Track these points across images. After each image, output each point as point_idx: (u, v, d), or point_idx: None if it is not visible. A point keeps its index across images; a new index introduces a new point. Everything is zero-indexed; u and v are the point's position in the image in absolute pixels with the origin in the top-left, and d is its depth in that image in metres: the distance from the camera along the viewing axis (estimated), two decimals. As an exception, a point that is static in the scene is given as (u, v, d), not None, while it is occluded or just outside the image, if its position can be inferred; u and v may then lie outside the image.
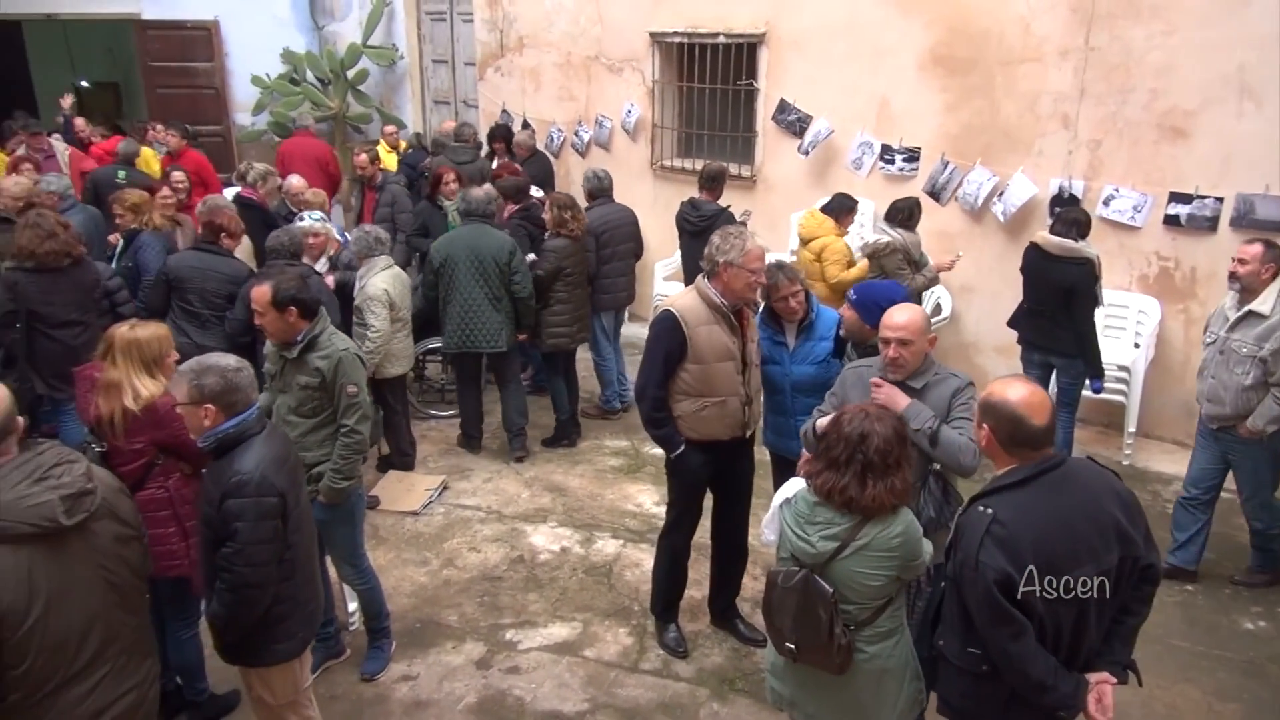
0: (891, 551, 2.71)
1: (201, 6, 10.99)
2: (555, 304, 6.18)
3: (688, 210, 6.54)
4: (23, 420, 2.40)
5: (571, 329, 6.29)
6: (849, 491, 2.69)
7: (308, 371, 3.70)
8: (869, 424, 2.72)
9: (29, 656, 2.17)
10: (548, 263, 6.07)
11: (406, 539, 5.28)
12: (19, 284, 5.03)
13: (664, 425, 3.93)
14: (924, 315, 3.33)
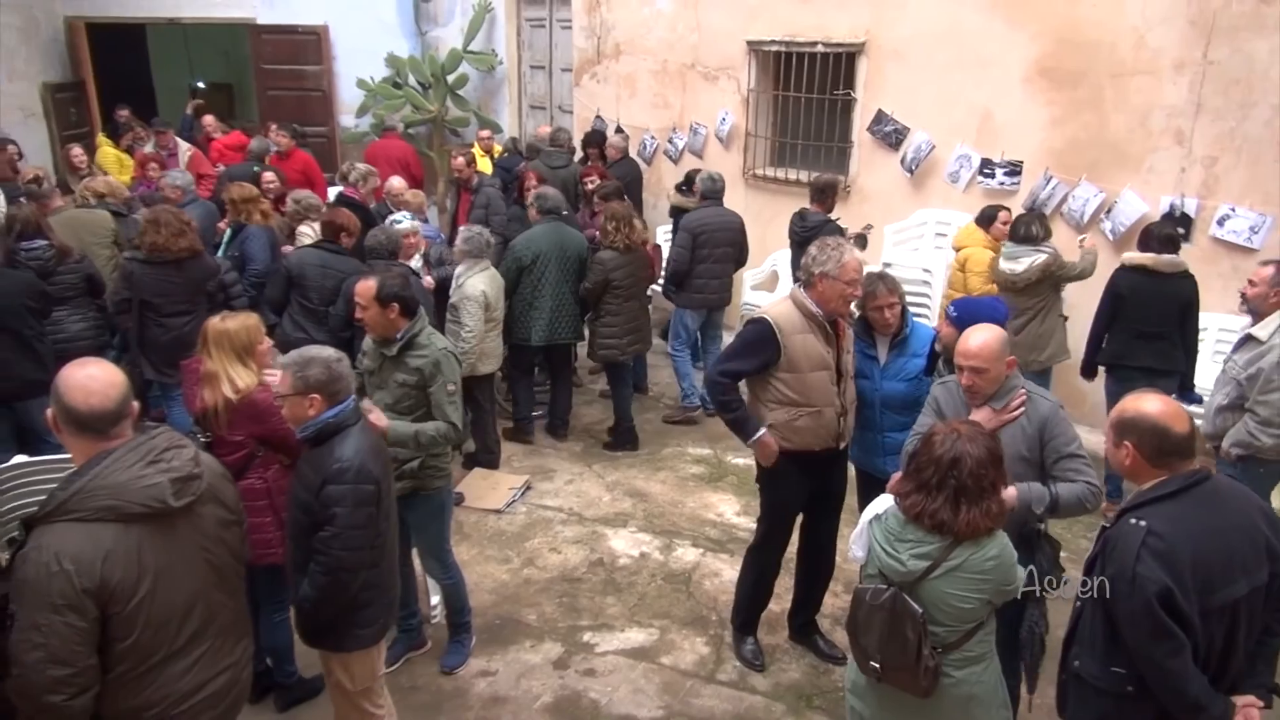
0: (985, 574, 2.64)
1: (313, 12, 11.39)
2: (605, 315, 6.21)
3: (795, 221, 6.53)
4: (136, 404, 2.52)
5: (622, 341, 6.26)
6: (940, 515, 2.64)
7: (406, 370, 3.78)
8: (961, 446, 2.65)
9: (136, 630, 2.26)
10: (594, 274, 6.10)
11: (489, 536, 5.36)
12: (135, 274, 5.30)
13: (734, 409, 3.89)
14: (1000, 340, 3.21)
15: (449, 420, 3.79)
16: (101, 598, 2.19)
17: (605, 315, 6.21)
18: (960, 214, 7.12)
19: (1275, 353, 4.10)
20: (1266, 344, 4.17)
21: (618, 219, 6.13)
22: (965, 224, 6.34)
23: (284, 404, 3.03)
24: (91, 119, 11.19)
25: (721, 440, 6.53)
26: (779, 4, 7.79)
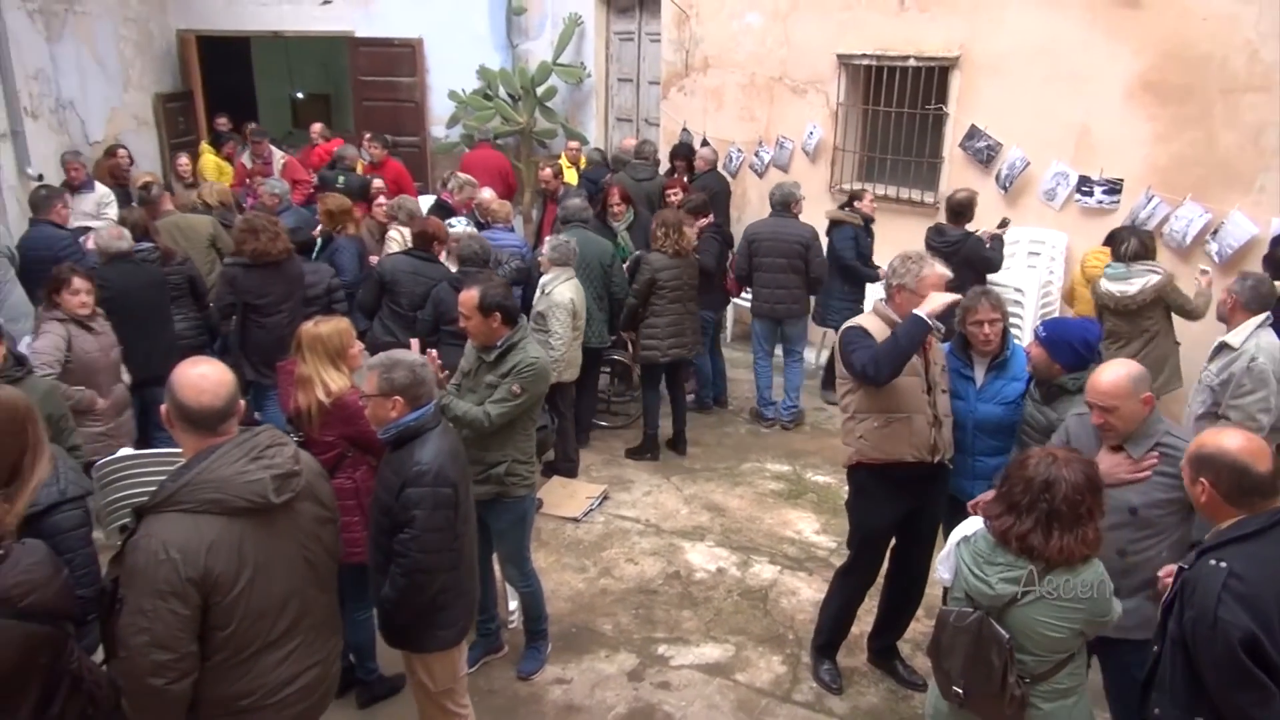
0: (1078, 603, 2.56)
1: (408, 25, 11.69)
2: (649, 317, 6.23)
3: (933, 236, 6.43)
4: (242, 403, 2.61)
5: (663, 343, 6.25)
6: (1030, 540, 2.56)
7: (498, 373, 3.83)
8: (1056, 469, 2.57)
9: (234, 620, 2.34)
10: (642, 274, 6.19)
11: (566, 544, 5.39)
12: (237, 278, 5.51)
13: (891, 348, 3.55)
14: (1134, 377, 3.00)
15: (488, 412, 3.78)
16: (204, 587, 2.27)
17: (648, 317, 6.24)
18: (1055, 233, 6.94)
19: (1244, 358, 4.23)
20: (1239, 350, 4.28)
21: (668, 225, 6.20)
22: (1095, 251, 5.95)
23: (367, 404, 3.10)
24: (198, 128, 11.67)
25: (801, 457, 6.47)
26: (871, 18, 7.71)
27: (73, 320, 4.67)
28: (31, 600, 2.26)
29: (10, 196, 7.93)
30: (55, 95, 8.76)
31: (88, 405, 4.64)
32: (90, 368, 4.69)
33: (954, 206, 6.44)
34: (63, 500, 2.79)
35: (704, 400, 7.23)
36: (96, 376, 4.71)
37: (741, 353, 8.42)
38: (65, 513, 2.78)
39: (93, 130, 9.43)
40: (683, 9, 9.28)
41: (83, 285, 4.69)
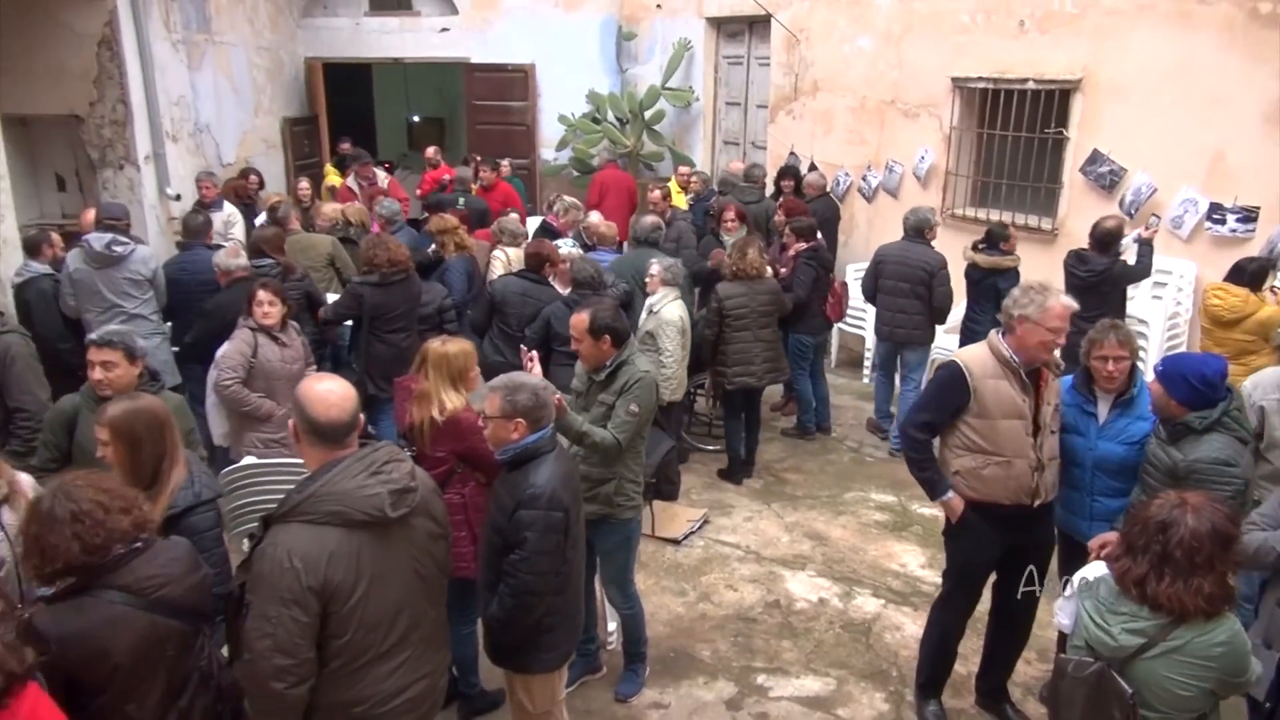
0: (1210, 661, 2.41)
1: (522, 51, 12.01)
2: (725, 343, 6.19)
3: (1074, 264, 6.19)
4: (363, 417, 2.70)
5: (730, 370, 6.21)
6: (1147, 584, 2.44)
7: (611, 393, 3.87)
8: (1177, 513, 2.45)
9: (350, 630, 2.42)
10: (710, 304, 6.19)
11: (666, 567, 5.39)
12: (364, 295, 5.72)
13: (925, 468, 3.76)
14: None
15: (615, 436, 3.80)
16: (323, 596, 2.35)
17: (725, 344, 6.22)
18: (1183, 262, 6.63)
19: None
20: None
21: (739, 247, 6.25)
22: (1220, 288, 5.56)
23: (489, 425, 3.16)
24: (321, 150, 12.22)
25: (907, 488, 6.30)
26: (988, 41, 7.54)
27: (261, 330, 4.91)
28: (162, 594, 2.40)
29: (150, 215, 8.44)
30: (194, 120, 9.30)
31: (264, 413, 4.86)
32: (270, 376, 4.88)
33: (1101, 236, 6.11)
34: (199, 503, 2.96)
35: (805, 426, 7.15)
36: (276, 385, 4.89)
37: (845, 379, 8.30)
38: (201, 514, 2.96)
39: (226, 153, 9.97)
40: (793, 33, 9.27)
41: (266, 297, 4.91)
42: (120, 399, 3.14)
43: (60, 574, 2.34)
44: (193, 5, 9.22)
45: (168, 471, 2.95)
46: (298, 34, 12.12)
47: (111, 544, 2.34)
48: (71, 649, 2.22)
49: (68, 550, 2.29)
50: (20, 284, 5.66)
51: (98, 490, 2.40)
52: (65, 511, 2.31)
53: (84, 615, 2.30)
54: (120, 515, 2.37)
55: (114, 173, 8.20)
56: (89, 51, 7.84)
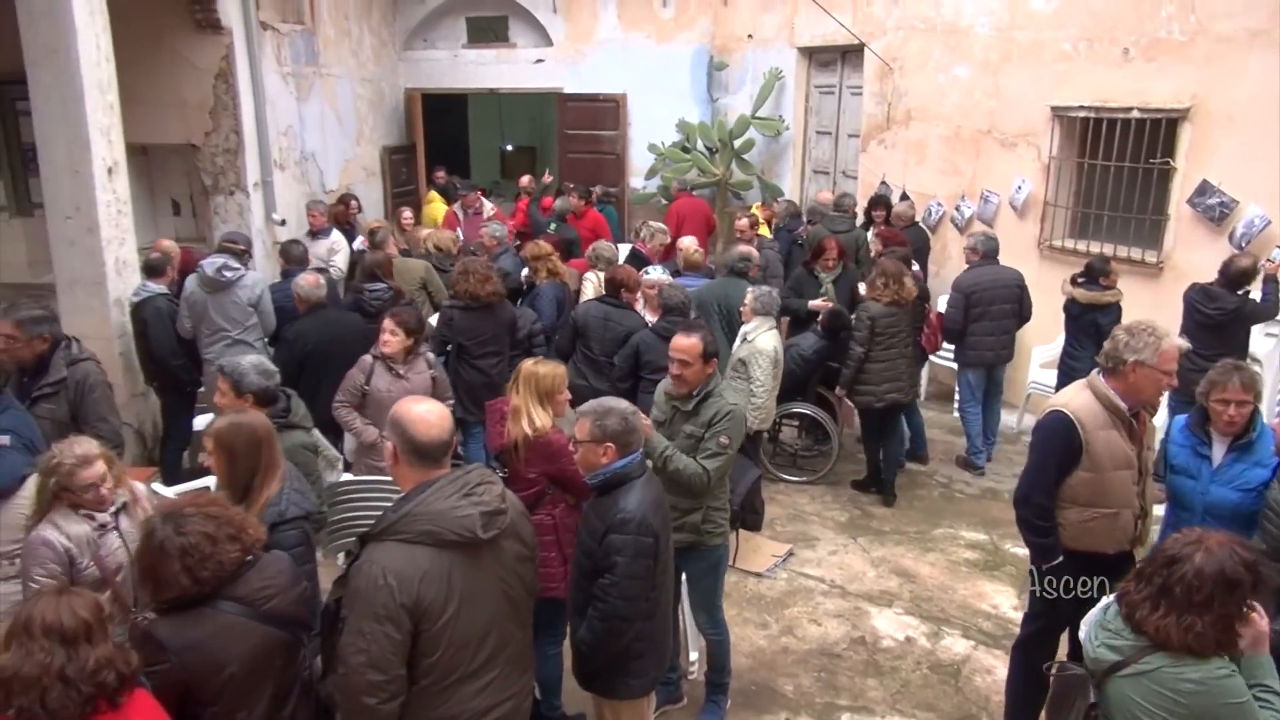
0: (1178, 695, 2.32)
1: (614, 81, 12.20)
2: (872, 361, 6.27)
3: (1199, 300, 5.97)
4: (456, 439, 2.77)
5: (879, 388, 6.29)
6: (1140, 610, 2.41)
7: (697, 423, 3.87)
8: (1189, 550, 2.39)
9: (440, 649, 2.46)
10: (861, 324, 6.27)
11: (748, 598, 5.33)
12: (454, 319, 5.87)
13: (1047, 535, 3.59)
14: None
15: (704, 467, 3.80)
16: (415, 614, 2.40)
17: (868, 363, 6.28)
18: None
19: None
20: None
21: (888, 275, 6.26)
22: None
23: (579, 450, 3.20)
24: (418, 178, 12.60)
25: (999, 526, 6.13)
26: (1090, 69, 7.35)
27: (381, 358, 5.03)
28: (272, 605, 2.51)
29: (258, 239, 8.79)
30: (300, 149, 9.69)
31: (365, 440, 4.97)
32: (379, 406, 4.81)
33: (1235, 275, 5.88)
34: (281, 520, 3.07)
35: (918, 451, 7.07)
36: (383, 416, 4.99)
37: (934, 412, 8.12)
38: (283, 532, 3.06)
39: (329, 180, 10.35)
40: (886, 62, 9.20)
41: (389, 326, 5.00)
42: (229, 413, 3.29)
43: (175, 601, 2.45)
44: (303, 40, 9.65)
45: (259, 486, 3.09)
46: (399, 66, 12.56)
47: (221, 574, 2.45)
48: (189, 658, 2.33)
49: (179, 582, 2.41)
50: (138, 302, 5.97)
51: (206, 519, 2.50)
52: (175, 547, 2.43)
53: (201, 625, 2.41)
54: (228, 544, 2.48)
55: (225, 199, 8.60)
56: (207, 84, 8.26)
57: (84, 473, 3.12)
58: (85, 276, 5.96)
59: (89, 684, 2.13)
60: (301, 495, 3.25)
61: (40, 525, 3.15)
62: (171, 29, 8.03)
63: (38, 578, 3.06)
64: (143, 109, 7.47)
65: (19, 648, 2.12)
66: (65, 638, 2.15)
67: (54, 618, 2.16)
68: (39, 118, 5.78)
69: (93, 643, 2.18)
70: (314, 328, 5.64)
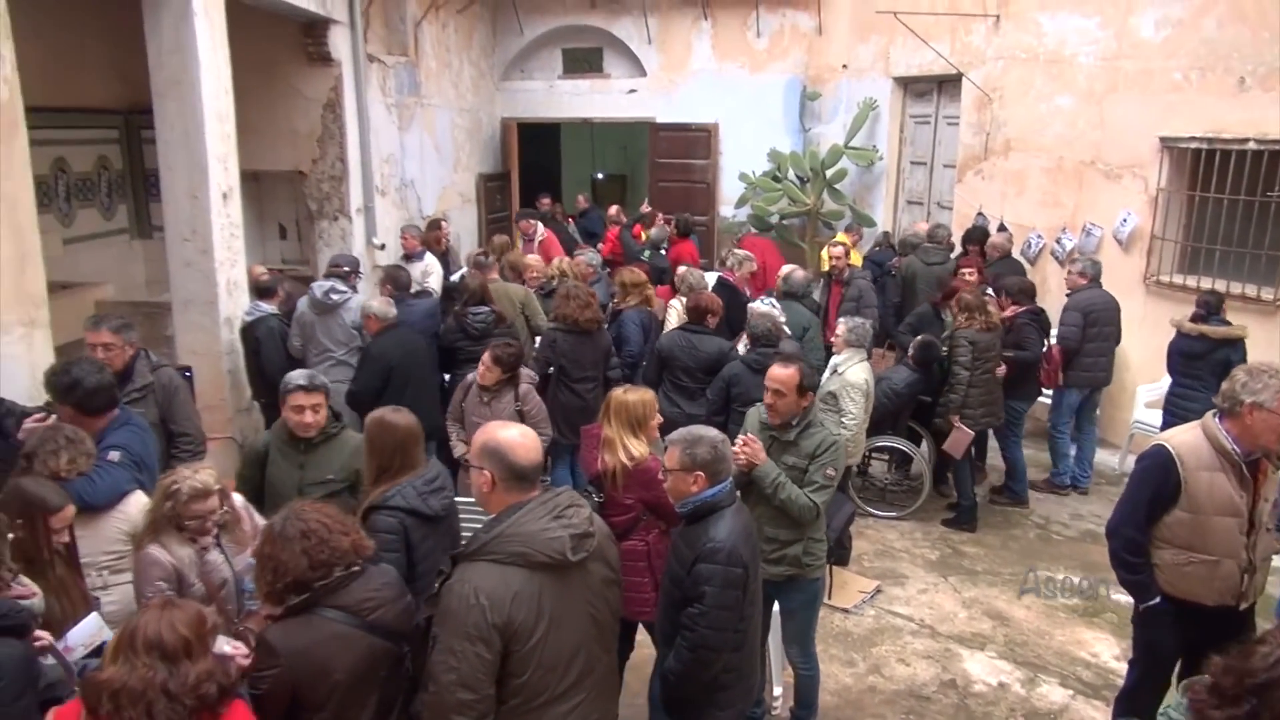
0: None
1: (706, 111, 12.29)
2: (970, 385, 6.30)
3: None
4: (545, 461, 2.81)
5: (975, 412, 6.34)
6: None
7: (797, 453, 3.85)
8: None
9: (529, 670, 2.48)
10: (961, 350, 6.28)
11: (834, 634, 5.23)
12: (557, 342, 5.96)
13: (1138, 571, 3.48)
14: None
15: (812, 499, 3.78)
16: (506, 634, 2.42)
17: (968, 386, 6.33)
18: None
19: None
20: None
21: (971, 309, 6.33)
22: None
23: (668, 478, 3.20)
24: (511, 205, 12.88)
25: (1099, 570, 5.86)
26: (1203, 99, 7.08)
27: (478, 386, 5.22)
28: (377, 615, 2.59)
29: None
30: (400, 176, 10.01)
31: (456, 455, 5.13)
32: (470, 426, 5.08)
33: None
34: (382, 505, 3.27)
35: (1018, 494, 6.88)
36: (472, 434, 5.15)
37: (1029, 449, 7.85)
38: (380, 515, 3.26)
39: (426, 206, 10.66)
40: (985, 92, 9.04)
41: (486, 360, 5.18)
42: (382, 409, 3.53)
43: (290, 589, 2.55)
44: (406, 72, 9.99)
45: (385, 480, 3.30)
46: (496, 96, 12.91)
47: (334, 562, 2.57)
48: (298, 663, 2.41)
49: (297, 565, 2.52)
50: (251, 322, 6.23)
51: (322, 514, 2.65)
52: (295, 530, 2.57)
53: (310, 632, 2.49)
54: (341, 536, 2.60)
55: (329, 223, 8.92)
56: (316, 114, 8.62)
57: (198, 505, 3.21)
58: (199, 296, 6.25)
59: (191, 697, 2.20)
60: (419, 495, 3.36)
61: (149, 544, 3.28)
62: (285, 62, 8.42)
63: (150, 595, 3.19)
64: (256, 137, 7.83)
65: (125, 661, 2.20)
66: (166, 653, 2.22)
67: (155, 633, 2.23)
68: (163, 145, 6.12)
69: (193, 658, 2.25)
70: (392, 345, 5.83)
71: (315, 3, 7.85)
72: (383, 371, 5.69)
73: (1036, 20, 8.52)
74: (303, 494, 3.64)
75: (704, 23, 12.25)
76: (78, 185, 8.61)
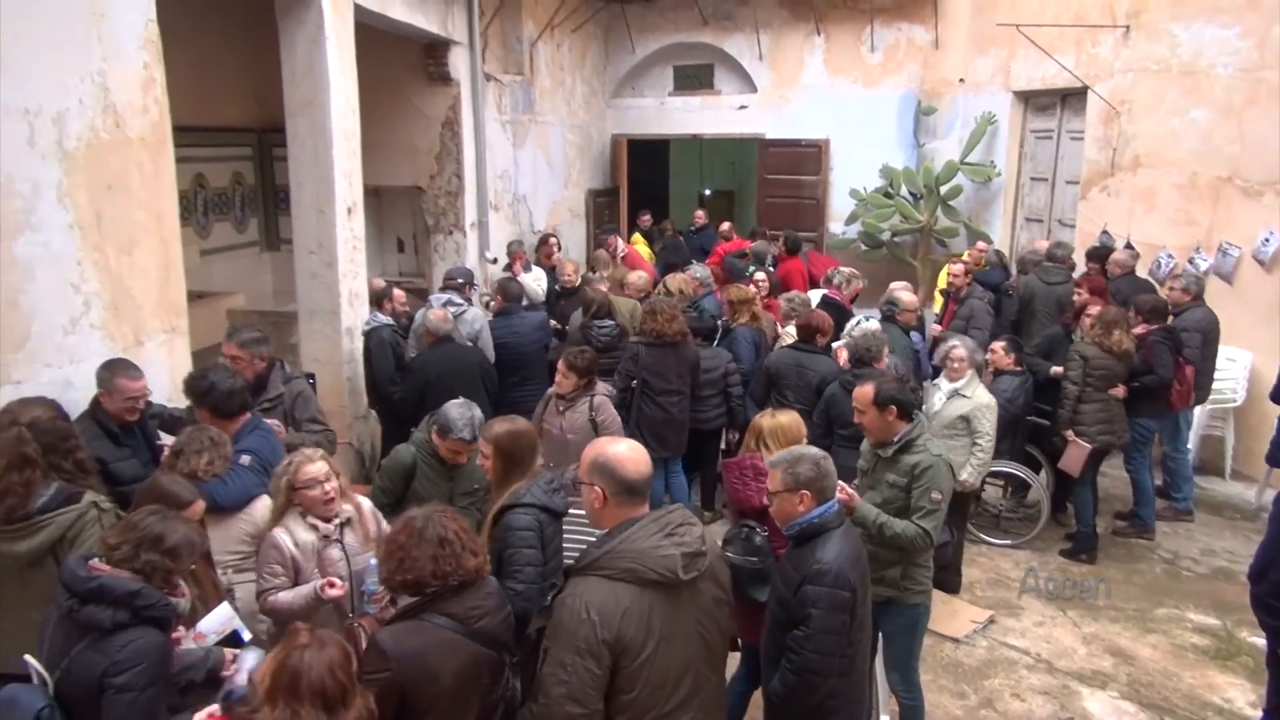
0: None
1: (817, 127, 12.18)
2: (1085, 403, 6.08)
3: None
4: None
5: (1090, 429, 6.07)
6: None
7: (898, 471, 3.78)
8: None
9: (637, 687, 2.48)
10: (1074, 365, 6.09)
11: (944, 664, 5.07)
12: (640, 354, 5.98)
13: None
14: None
15: (921, 526, 3.71)
16: (616, 650, 2.43)
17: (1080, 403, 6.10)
18: None
19: None
20: None
21: (1105, 322, 6.10)
22: None
23: (773, 502, 3.16)
24: (619, 220, 13.00)
25: (1234, 611, 5.55)
26: (1355, 110, 6.65)
27: (555, 395, 5.29)
28: (482, 624, 2.64)
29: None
30: (513, 191, 10.24)
31: None
32: (548, 439, 5.11)
33: None
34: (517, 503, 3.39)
35: (1145, 520, 6.56)
36: (548, 447, 5.10)
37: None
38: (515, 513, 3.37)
39: (537, 221, 10.87)
40: (1113, 105, 8.68)
41: (561, 368, 5.24)
42: (501, 420, 3.65)
43: (407, 586, 2.65)
44: (521, 90, 10.23)
45: (509, 482, 3.45)
46: (607, 113, 13.09)
47: (454, 575, 2.64)
48: (408, 667, 2.47)
49: (422, 567, 2.63)
50: (367, 331, 6.47)
51: (461, 529, 2.75)
52: (434, 534, 2.67)
53: (421, 636, 2.57)
54: (471, 556, 2.68)
55: (444, 237, 9.19)
56: (434, 132, 8.90)
57: (309, 467, 3.43)
58: (323, 306, 6.52)
59: None
60: (545, 492, 3.46)
61: (275, 529, 3.46)
62: (407, 82, 8.73)
63: (266, 577, 3.37)
64: (378, 154, 8.14)
65: (285, 707, 2.19)
66: (328, 702, 2.22)
67: (319, 681, 2.21)
68: (294, 162, 6.42)
69: (348, 705, 2.26)
70: (435, 359, 5.95)
71: (437, 25, 8.12)
72: (420, 384, 5.85)
73: (1170, 30, 8.14)
74: (453, 503, 3.82)
75: (817, 38, 12.16)
76: (214, 200, 9.10)
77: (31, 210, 3.84)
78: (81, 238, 4.10)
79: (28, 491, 3.17)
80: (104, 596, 2.57)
